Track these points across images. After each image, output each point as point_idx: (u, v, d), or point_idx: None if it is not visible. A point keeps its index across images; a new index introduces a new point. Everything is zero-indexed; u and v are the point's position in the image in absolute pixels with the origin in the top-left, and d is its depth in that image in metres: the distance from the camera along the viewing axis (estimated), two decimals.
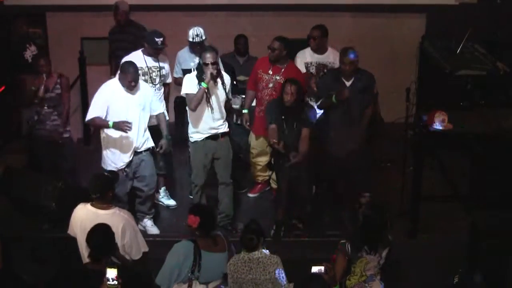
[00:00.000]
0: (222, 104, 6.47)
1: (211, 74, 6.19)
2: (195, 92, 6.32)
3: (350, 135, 6.32)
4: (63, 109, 6.94)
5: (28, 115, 7.67)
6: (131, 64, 6.33)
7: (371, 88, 6.47)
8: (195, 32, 7.03)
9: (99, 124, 6.36)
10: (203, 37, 7.04)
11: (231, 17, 8.56)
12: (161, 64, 6.92)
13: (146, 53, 6.86)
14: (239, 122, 7.22)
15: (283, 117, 6.33)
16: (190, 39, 7.08)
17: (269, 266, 5.08)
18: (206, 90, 6.28)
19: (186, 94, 6.43)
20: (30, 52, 7.88)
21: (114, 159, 6.41)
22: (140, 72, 6.61)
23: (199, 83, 6.30)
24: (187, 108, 6.54)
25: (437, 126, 6.54)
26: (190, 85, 6.39)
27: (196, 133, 6.54)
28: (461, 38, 8.00)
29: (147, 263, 5.46)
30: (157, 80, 6.89)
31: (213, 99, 6.40)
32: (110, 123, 6.19)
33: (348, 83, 6.24)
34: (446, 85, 7.66)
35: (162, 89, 7.01)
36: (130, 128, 6.16)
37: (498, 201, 6.42)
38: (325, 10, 8.71)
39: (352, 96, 6.20)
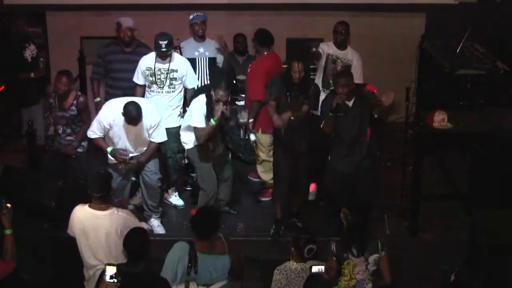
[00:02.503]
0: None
1: (222, 113, 6.11)
2: (203, 126, 6.22)
3: (354, 151, 6.30)
4: (81, 128, 6.72)
5: (28, 115, 7.68)
6: (136, 108, 6.08)
7: (371, 102, 6.37)
8: (194, 14, 7.16)
9: (100, 145, 6.39)
10: (202, 14, 7.15)
11: (230, 16, 8.56)
12: (173, 67, 6.66)
13: (157, 54, 6.70)
14: (246, 137, 7.22)
15: (287, 93, 6.30)
16: (193, 21, 7.15)
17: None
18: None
19: (195, 127, 6.28)
20: (29, 52, 7.83)
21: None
22: (148, 72, 6.65)
23: (207, 116, 6.20)
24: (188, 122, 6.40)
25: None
26: (199, 118, 6.24)
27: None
28: (461, 37, 8.00)
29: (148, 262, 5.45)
30: (166, 82, 6.65)
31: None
32: (109, 149, 6.30)
33: (349, 103, 6.17)
34: (446, 84, 7.66)
35: (175, 94, 6.72)
36: (126, 158, 6.29)
37: (498, 201, 6.42)
38: (325, 9, 8.71)
39: (355, 114, 6.16)
